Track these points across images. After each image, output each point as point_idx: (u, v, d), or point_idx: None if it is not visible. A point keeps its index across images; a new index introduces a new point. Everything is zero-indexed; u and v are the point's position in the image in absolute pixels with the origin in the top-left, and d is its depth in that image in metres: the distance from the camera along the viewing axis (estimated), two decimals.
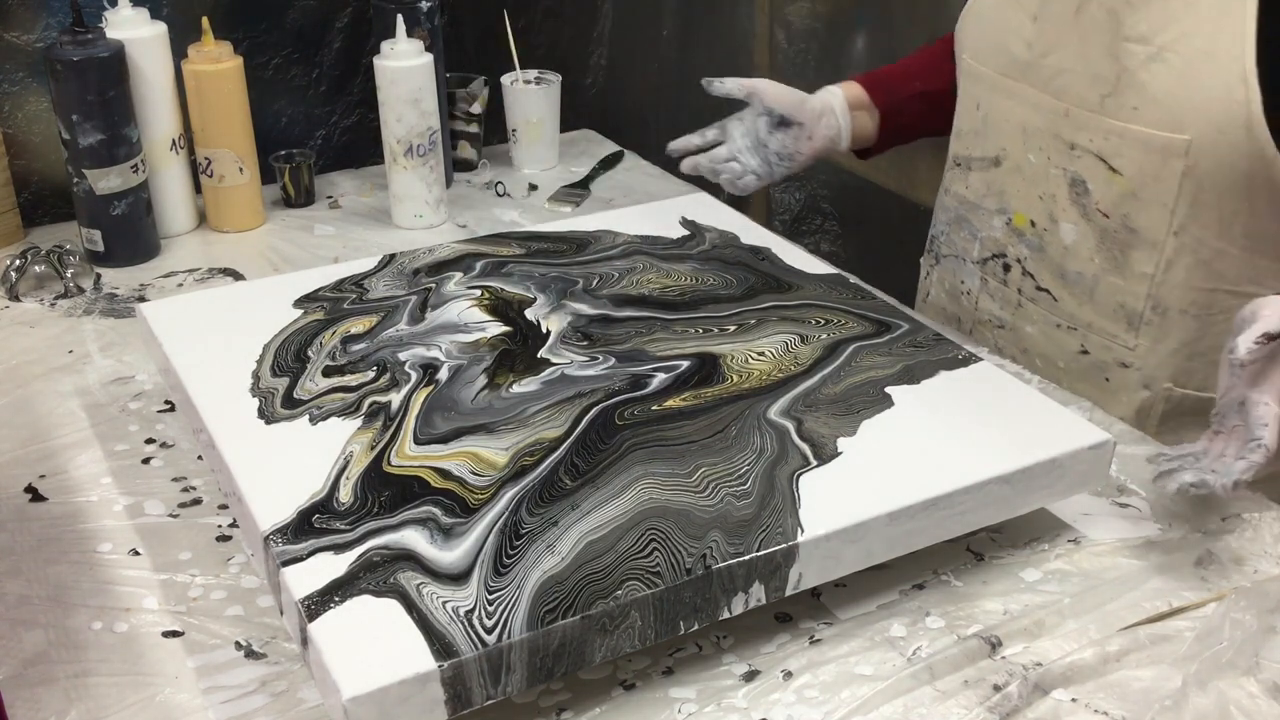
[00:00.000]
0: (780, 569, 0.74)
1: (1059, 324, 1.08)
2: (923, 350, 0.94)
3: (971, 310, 1.18)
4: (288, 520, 0.76)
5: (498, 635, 0.67)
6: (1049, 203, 1.06)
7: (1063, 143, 1.04)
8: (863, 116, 1.23)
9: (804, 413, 0.86)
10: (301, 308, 1.01)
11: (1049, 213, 1.07)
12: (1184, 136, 0.95)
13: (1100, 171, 1.01)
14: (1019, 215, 1.10)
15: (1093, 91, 1.00)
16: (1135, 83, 0.97)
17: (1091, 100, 1.01)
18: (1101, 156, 1.01)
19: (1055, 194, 1.06)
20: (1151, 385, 1.03)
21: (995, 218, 1.12)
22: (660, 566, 0.72)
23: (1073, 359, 1.08)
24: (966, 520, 0.81)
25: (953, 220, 1.19)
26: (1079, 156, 1.02)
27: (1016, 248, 1.11)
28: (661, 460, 0.81)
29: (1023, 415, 0.87)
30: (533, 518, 0.75)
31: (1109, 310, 1.04)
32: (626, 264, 1.08)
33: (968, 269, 1.17)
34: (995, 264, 1.14)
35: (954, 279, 1.20)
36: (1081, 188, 1.03)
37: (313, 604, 0.69)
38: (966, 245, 1.17)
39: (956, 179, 1.17)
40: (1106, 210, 1.01)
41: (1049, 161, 1.05)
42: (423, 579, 0.71)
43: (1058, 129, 1.04)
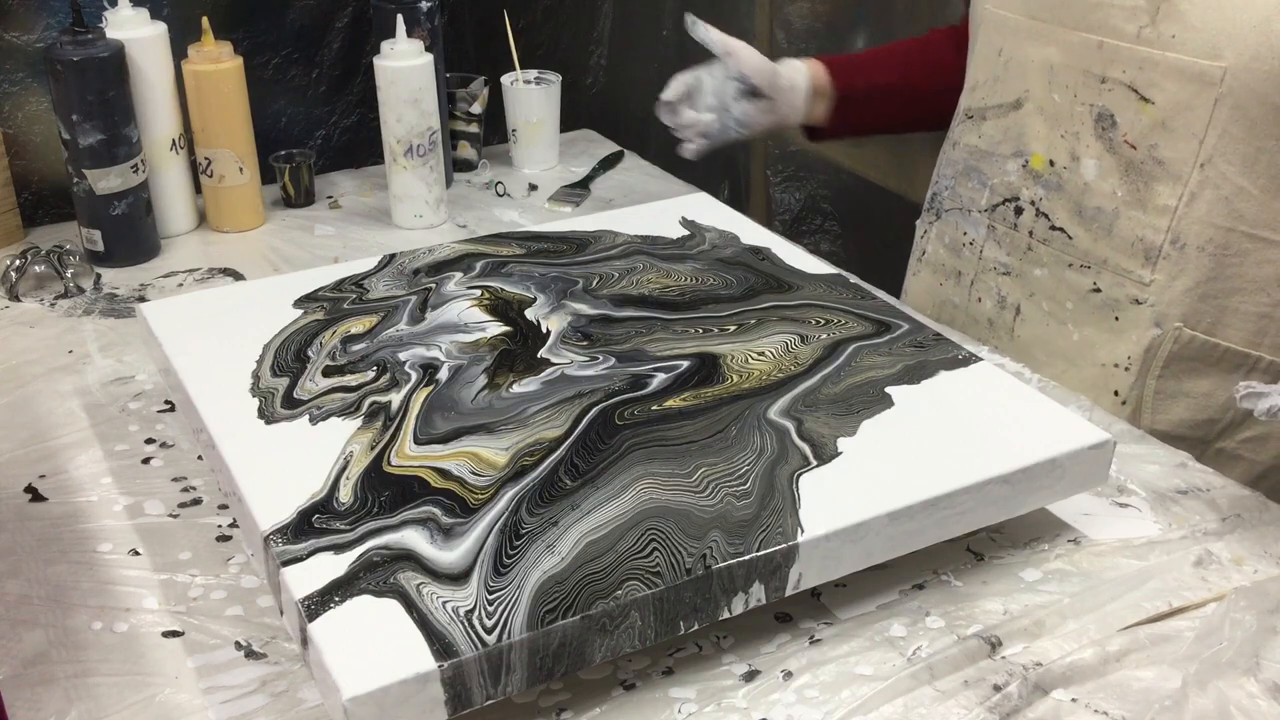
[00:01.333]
0: (780, 569, 0.74)
1: (1071, 263, 1.09)
2: (923, 350, 0.94)
3: (974, 260, 1.19)
4: (288, 520, 0.76)
5: (498, 635, 0.67)
6: (1071, 140, 1.08)
7: (1092, 77, 1.05)
8: (820, 100, 1.26)
9: (804, 413, 0.86)
10: (301, 308, 1.01)
11: (1070, 150, 1.08)
12: (1220, 64, 0.97)
13: (1130, 102, 1.03)
14: (1036, 156, 1.11)
15: (1130, 23, 1.02)
16: (1175, 11, 0.99)
17: (1128, 32, 1.02)
18: (1134, 87, 1.02)
19: (1079, 131, 1.07)
20: (1162, 323, 1.04)
21: (1010, 162, 1.14)
22: (660, 566, 0.72)
23: (1082, 299, 1.09)
24: (966, 520, 0.81)
25: (960, 173, 1.20)
26: (1109, 89, 1.04)
27: (1031, 189, 1.12)
28: (661, 460, 0.81)
29: (1023, 415, 0.87)
30: (533, 518, 0.75)
31: (1126, 245, 1.05)
32: (626, 264, 1.08)
33: (972, 219, 1.18)
34: (1006, 208, 1.14)
35: (955, 232, 1.20)
36: (1108, 121, 1.04)
37: (313, 604, 0.69)
38: (974, 195, 1.18)
39: (967, 131, 1.18)
40: (1134, 141, 1.03)
41: (1075, 99, 1.07)
42: (423, 579, 0.71)
43: (1088, 64, 1.05)
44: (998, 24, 1.14)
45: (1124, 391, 1.07)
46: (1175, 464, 0.95)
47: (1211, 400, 1.05)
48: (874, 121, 1.31)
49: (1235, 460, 1.06)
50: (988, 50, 1.16)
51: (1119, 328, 1.07)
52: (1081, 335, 1.09)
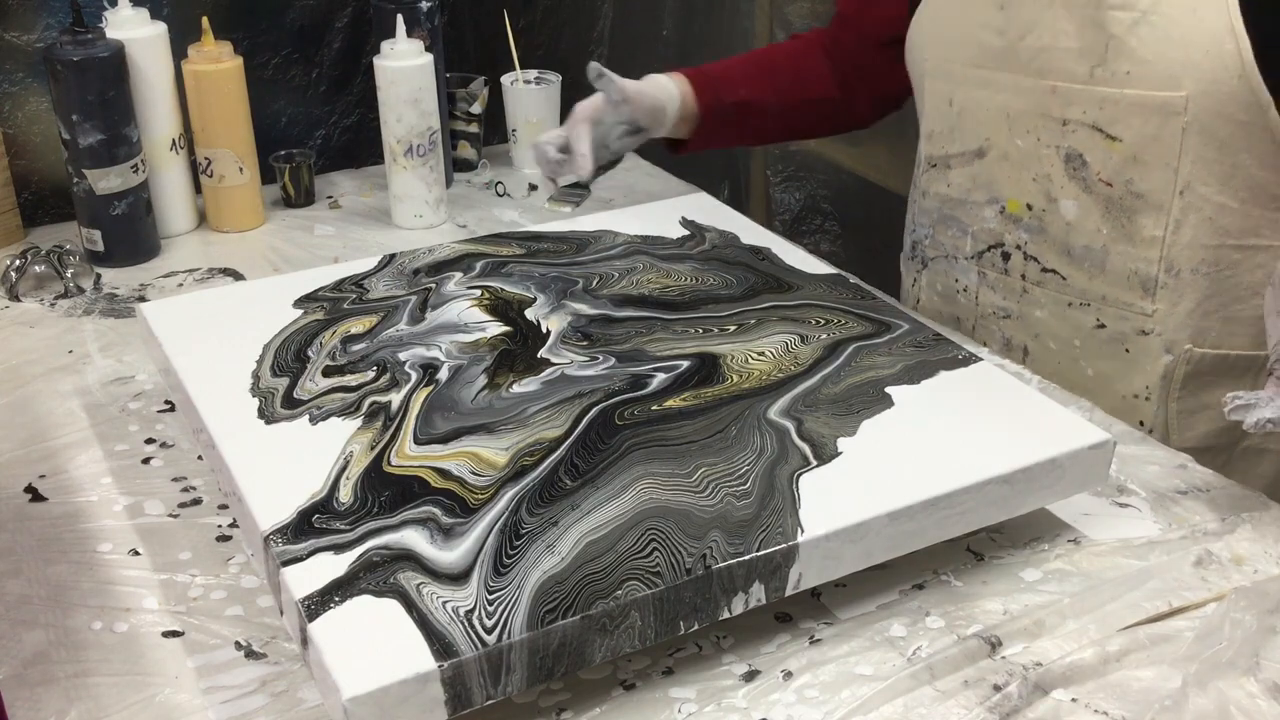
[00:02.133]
0: (780, 569, 0.74)
1: (1070, 302, 1.08)
2: (923, 350, 0.94)
3: (972, 307, 1.17)
4: (288, 520, 0.76)
5: (498, 635, 0.67)
6: (1044, 183, 1.06)
7: (1052, 120, 1.04)
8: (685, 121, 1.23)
9: (804, 413, 0.86)
10: (301, 308, 1.01)
11: (1045, 192, 1.07)
12: (1180, 93, 0.96)
13: (1097, 141, 1.01)
14: (1012, 202, 1.09)
15: (1081, 64, 1.01)
16: (1125, 49, 0.98)
17: (1080, 73, 1.01)
18: (1097, 126, 1.01)
19: (1050, 173, 1.06)
20: (1173, 349, 1.04)
21: (986, 209, 1.12)
22: (660, 566, 0.72)
23: (1089, 335, 1.08)
24: (966, 520, 0.81)
25: (937, 221, 1.18)
26: (1072, 131, 1.03)
27: (1014, 234, 1.11)
28: (661, 460, 0.81)
29: (1023, 415, 0.87)
30: (533, 518, 0.75)
31: (1122, 279, 1.04)
32: (626, 264, 1.08)
33: (961, 266, 1.17)
34: (993, 255, 1.13)
35: (946, 280, 1.19)
36: (1078, 161, 1.03)
37: (313, 604, 0.69)
38: (957, 242, 1.16)
39: (934, 179, 1.17)
40: (1108, 179, 1.02)
41: (1039, 142, 1.05)
42: (423, 579, 0.71)
43: (1045, 108, 1.04)
44: (942, 75, 1.12)
45: (1149, 420, 1.07)
46: (1175, 464, 0.95)
47: None
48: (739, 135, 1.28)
49: (1262, 455, 1.07)
50: (937, 100, 1.14)
51: (1131, 359, 1.06)
52: (1095, 370, 1.08)
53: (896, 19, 1.17)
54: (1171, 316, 1.03)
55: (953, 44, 1.10)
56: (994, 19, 1.06)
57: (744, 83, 1.24)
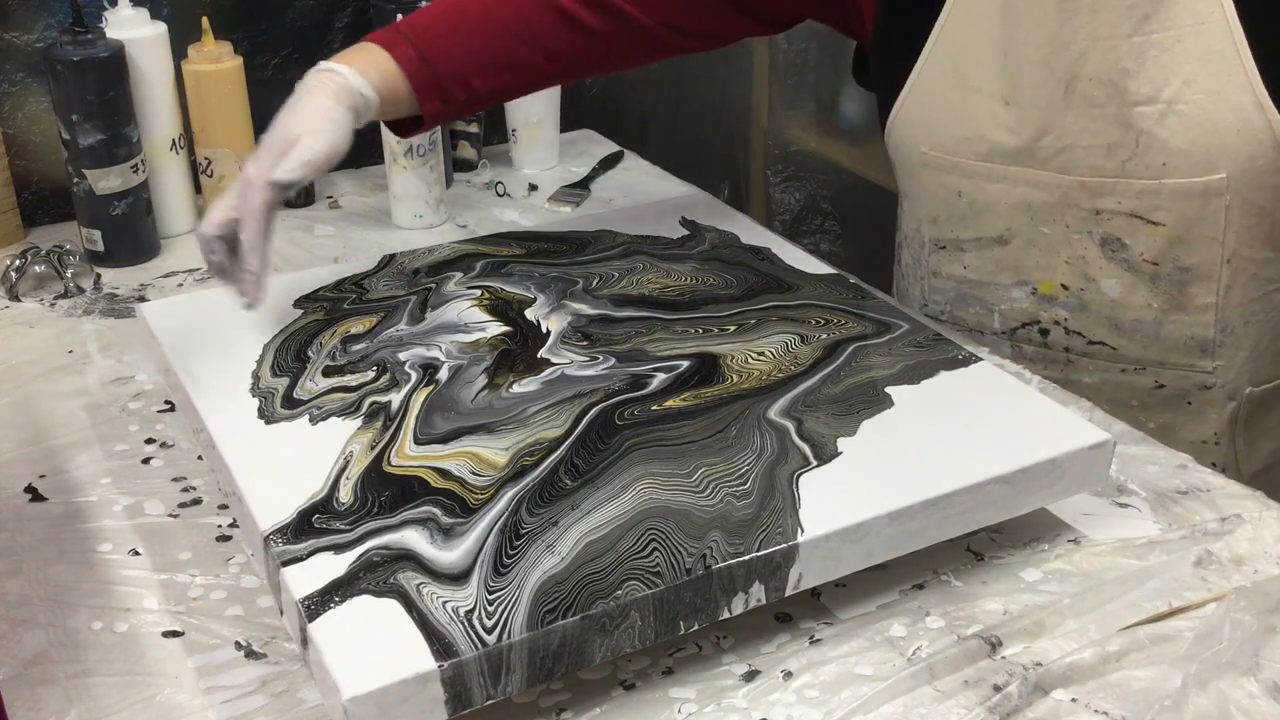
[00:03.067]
0: (780, 569, 0.74)
1: (1124, 369, 1.06)
2: (923, 350, 0.94)
3: None
4: (288, 520, 0.76)
5: (498, 635, 0.67)
6: (1079, 265, 1.03)
7: (1083, 210, 1.01)
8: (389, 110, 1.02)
9: (804, 413, 0.86)
10: (301, 308, 1.01)
11: (1082, 273, 1.03)
12: (1219, 176, 0.95)
13: (1138, 227, 0.99)
14: (1045, 284, 1.05)
15: (1110, 160, 0.98)
16: (1155, 141, 0.96)
17: (1110, 168, 0.98)
18: (1136, 214, 0.99)
19: (1085, 255, 1.02)
20: (1235, 395, 1.04)
21: (1014, 290, 1.08)
22: (660, 566, 0.72)
23: (1147, 395, 1.06)
24: (966, 520, 0.81)
25: (955, 299, 1.12)
26: (1108, 219, 1.00)
27: (1051, 312, 1.06)
28: (661, 460, 0.81)
29: (1023, 415, 0.87)
30: (533, 518, 0.75)
31: (1179, 345, 1.03)
32: (626, 264, 1.08)
33: (989, 340, 1.11)
34: (1028, 331, 1.09)
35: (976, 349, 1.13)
36: (1117, 244, 1.00)
37: (313, 604, 0.69)
38: (981, 319, 1.11)
39: (947, 261, 1.11)
40: (1153, 259, 1.00)
41: (1068, 229, 1.02)
42: (423, 579, 0.71)
43: (1073, 200, 1.01)
44: (944, 167, 1.07)
45: (1220, 460, 1.06)
46: (1175, 464, 0.95)
47: None
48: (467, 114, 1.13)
49: None
50: (941, 191, 1.08)
51: (1195, 410, 1.05)
52: (1157, 423, 1.06)
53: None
54: (1230, 368, 1.03)
55: (954, 138, 1.05)
56: (1001, 115, 1.01)
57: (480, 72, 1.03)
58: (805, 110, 2.05)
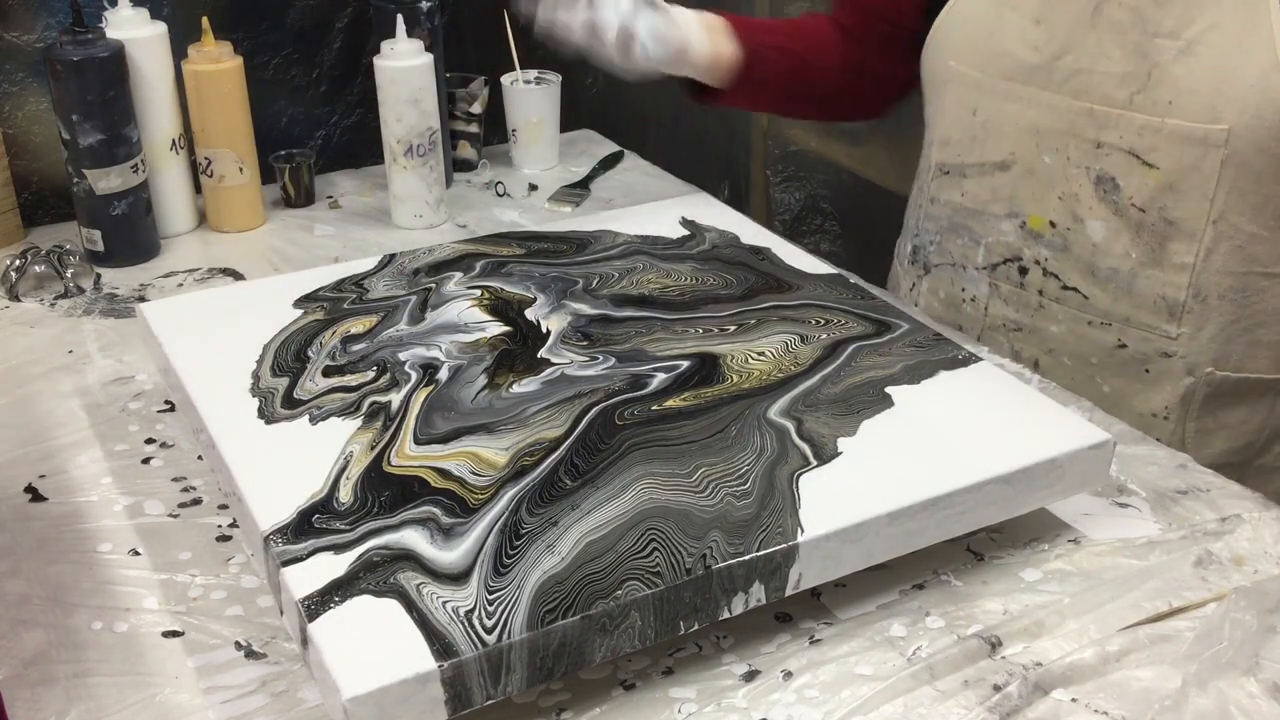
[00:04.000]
0: (780, 569, 0.74)
1: (1090, 321, 1.07)
2: (923, 350, 0.94)
3: (979, 318, 1.16)
4: (288, 520, 0.76)
5: (498, 635, 0.67)
6: (1070, 202, 1.05)
7: (1086, 141, 1.02)
8: (721, 40, 1.14)
9: (804, 413, 0.86)
10: (301, 308, 1.01)
11: (1071, 211, 1.05)
12: (1222, 126, 0.95)
13: (1133, 167, 1.00)
14: (1034, 218, 1.08)
15: (1121, 90, 0.99)
16: (1168, 77, 0.97)
17: (1119, 98, 0.99)
18: (1134, 152, 1.00)
19: (1078, 193, 1.04)
20: (1194, 371, 1.04)
21: (1004, 222, 1.10)
22: (660, 566, 0.72)
23: (1108, 354, 1.07)
24: (966, 520, 0.81)
25: (945, 229, 1.16)
26: (1106, 154, 1.01)
27: (1034, 250, 1.09)
28: (661, 460, 0.81)
29: (1023, 415, 0.87)
30: (533, 518, 0.75)
31: (1148, 302, 1.03)
32: (626, 264, 1.08)
33: (969, 275, 1.15)
34: (1009, 268, 1.11)
35: (952, 288, 1.17)
36: (1110, 184, 1.01)
37: (313, 604, 0.69)
38: (966, 251, 1.14)
39: (946, 187, 1.14)
40: (1141, 205, 1.01)
41: (1068, 161, 1.03)
42: (423, 579, 0.71)
43: (1079, 129, 1.02)
44: (965, 82, 1.09)
45: (1165, 438, 1.06)
46: (1175, 464, 0.95)
47: (1247, 426, 1.06)
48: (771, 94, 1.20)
49: (1275, 473, 1.06)
50: (957, 109, 1.11)
51: (1151, 379, 1.06)
52: (1112, 387, 1.08)
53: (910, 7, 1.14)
54: (1195, 340, 1.03)
55: (981, 54, 1.07)
56: (1030, 33, 1.03)
57: (770, 31, 1.19)
58: None
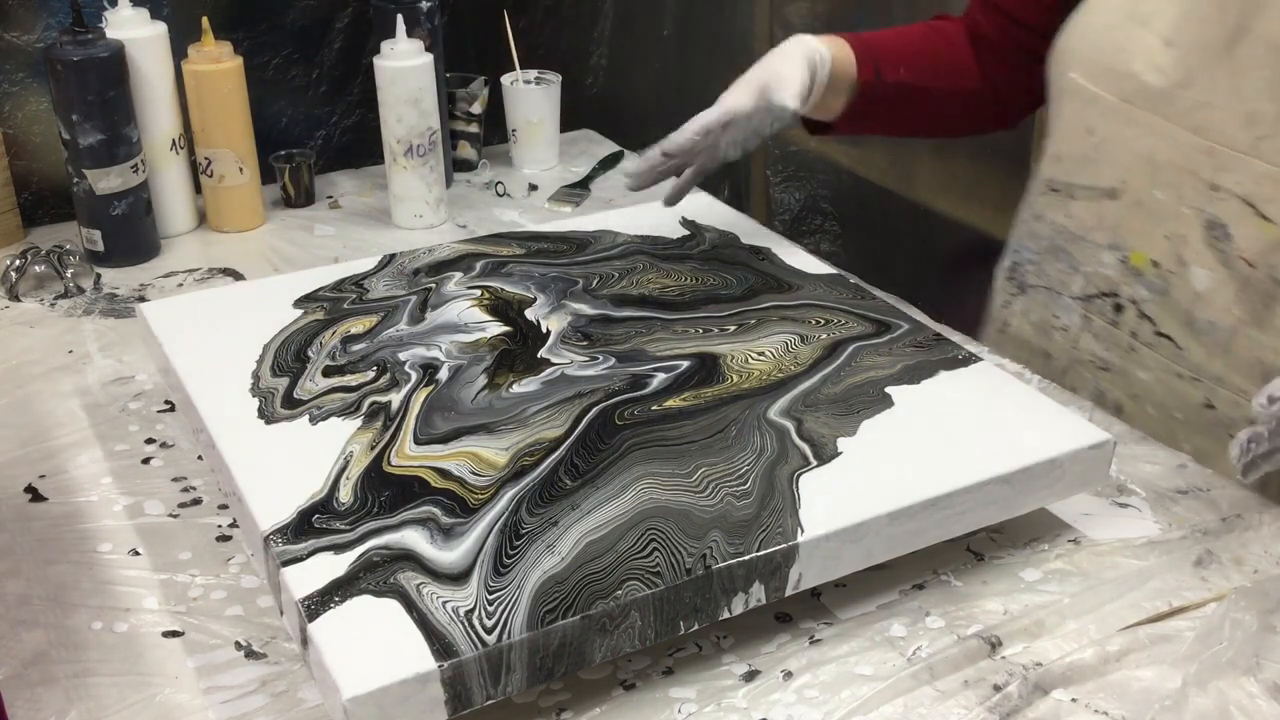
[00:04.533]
0: (780, 569, 0.74)
1: (1180, 374, 0.99)
2: (923, 350, 0.94)
3: (1068, 349, 1.09)
4: (288, 520, 0.76)
5: (498, 635, 0.67)
6: (1177, 243, 0.97)
7: (1201, 181, 0.94)
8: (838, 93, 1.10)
9: (804, 413, 0.86)
10: (301, 308, 1.01)
11: (1177, 254, 0.97)
12: None
13: (1247, 217, 0.92)
14: (1137, 254, 1.00)
15: (1245, 132, 0.91)
16: None
17: (1242, 141, 0.91)
18: (1250, 201, 0.91)
19: (1186, 235, 0.96)
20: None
21: (1105, 253, 1.03)
22: (660, 566, 0.72)
23: (1194, 412, 0.99)
24: (966, 520, 0.81)
25: (1046, 250, 1.08)
26: (1222, 199, 0.93)
27: (1132, 288, 1.01)
28: (661, 460, 0.81)
29: (1023, 415, 0.87)
30: (533, 518, 0.75)
31: (1245, 365, 0.95)
32: (626, 264, 1.08)
33: (1064, 303, 1.07)
34: (1103, 303, 1.04)
35: (1045, 312, 1.10)
36: (1221, 232, 0.93)
37: (313, 604, 0.69)
38: (1064, 278, 1.07)
39: (1053, 205, 1.07)
40: (1252, 259, 0.92)
41: (1180, 200, 0.96)
42: (423, 579, 0.71)
43: (1195, 167, 0.94)
44: (1085, 98, 1.01)
45: None
46: (1175, 464, 0.95)
47: None
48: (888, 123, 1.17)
49: None
50: (1074, 125, 1.03)
51: None
52: (1194, 446, 0.99)
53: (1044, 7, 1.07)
54: None
55: (1104, 69, 0.99)
56: (1158, 55, 0.95)
57: (902, 60, 1.11)
58: None
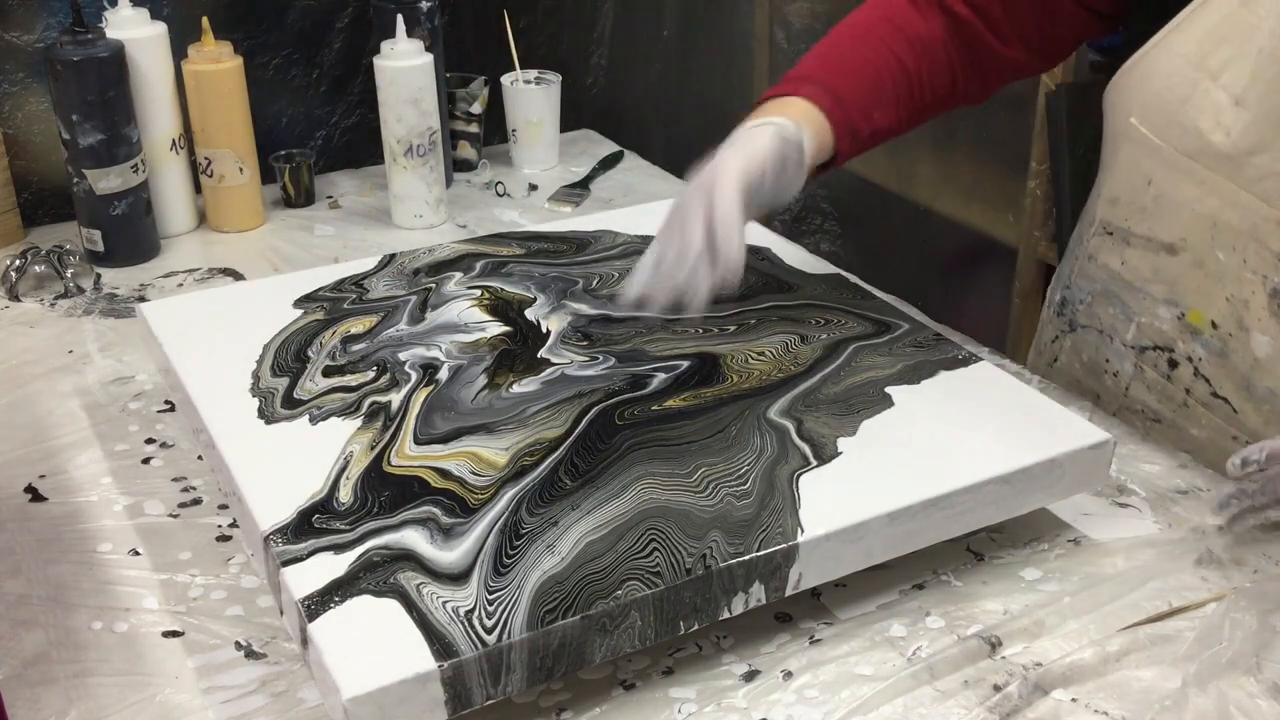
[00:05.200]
0: (780, 569, 0.74)
1: (1236, 436, 0.95)
2: (923, 350, 0.94)
3: (1119, 394, 1.04)
4: (288, 520, 0.76)
5: (498, 635, 0.67)
6: (1238, 307, 0.92)
7: (1268, 250, 0.89)
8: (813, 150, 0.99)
9: (804, 413, 0.86)
10: (301, 308, 1.01)
11: (1238, 318, 0.92)
12: None
13: None
14: (1195, 313, 0.95)
15: None
16: None
17: None
18: None
19: (1249, 300, 0.91)
20: None
21: (1161, 307, 0.97)
22: (660, 566, 0.72)
23: None
24: (966, 520, 0.81)
25: (1100, 293, 1.03)
26: None
27: (1189, 345, 0.96)
28: (661, 460, 0.81)
29: (1023, 415, 0.87)
30: (533, 518, 0.75)
31: None
32: (626, 264, 1.08)
33: (1116, 349, 1.02)
34: (1157, 356, 0.99)
35: (1096, 355, 1.05)
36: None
37: (313, 604, 0.69)
38: (1116, 324, 1.02)
39: (1107, 249, 1.01)
40: None
41: (1244, 265, 0.90)
42: (423, 579, 0.71)
43: (1262, 235, 0.88)
44: (1144, 147, 0.95)
45: None
46: (1175, 464, 0.95)
47: None
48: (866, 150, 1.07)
49: None
50: (1132, 172, 0.97)
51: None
52: None
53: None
54: None
55: (1167, 121, 0.93)
56: (1227, 114, 0.89)
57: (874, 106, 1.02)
58: None
